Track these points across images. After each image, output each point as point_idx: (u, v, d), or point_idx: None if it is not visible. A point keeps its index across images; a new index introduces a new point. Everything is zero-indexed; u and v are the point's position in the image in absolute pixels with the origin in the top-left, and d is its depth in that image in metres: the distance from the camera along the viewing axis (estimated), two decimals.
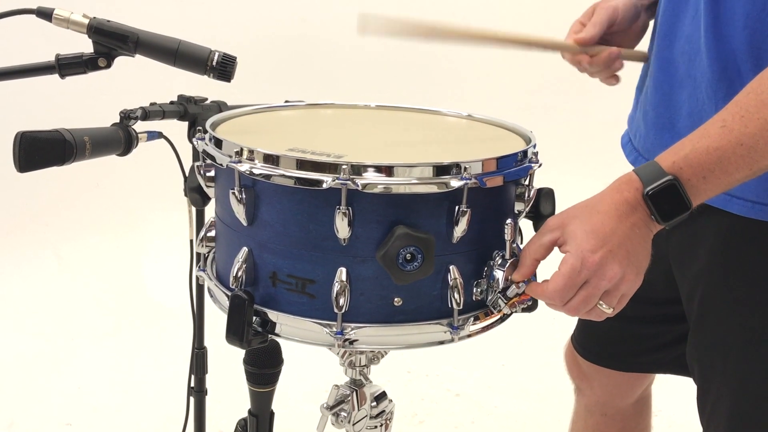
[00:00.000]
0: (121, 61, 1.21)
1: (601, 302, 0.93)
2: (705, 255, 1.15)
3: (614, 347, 1.44)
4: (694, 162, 0.90)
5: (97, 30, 1.12)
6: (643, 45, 1.29)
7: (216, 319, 1.43)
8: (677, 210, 0.91)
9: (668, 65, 1.16)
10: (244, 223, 0.95)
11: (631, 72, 1.31)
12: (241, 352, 1.10)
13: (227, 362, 1.69)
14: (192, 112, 1.33)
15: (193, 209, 1.42)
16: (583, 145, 4.15)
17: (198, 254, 1.12)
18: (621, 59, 1.25)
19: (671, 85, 1.16)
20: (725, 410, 1.16)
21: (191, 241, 1.44)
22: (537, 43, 1.20)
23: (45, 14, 1.11)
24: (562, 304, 0.93)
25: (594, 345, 1.48)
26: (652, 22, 1.29)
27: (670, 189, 0.90)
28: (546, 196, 1.05)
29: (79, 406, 2.42)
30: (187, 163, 1.37)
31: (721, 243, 1.12)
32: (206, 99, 1.37)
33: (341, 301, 0.92)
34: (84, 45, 1.18)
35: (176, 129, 1.34)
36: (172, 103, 1.34)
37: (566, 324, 1.55)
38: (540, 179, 1.04)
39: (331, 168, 0.89)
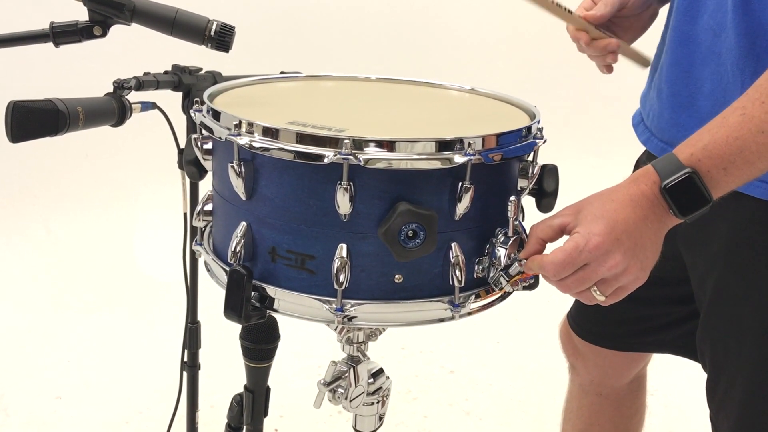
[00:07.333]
0: (113, 30, 1.18)
1: (595, 288, 0.91)
2: (722, 238, 1.12)
3: (612, 327, 1.42)
4: (713, 153, 0.87)
5: None
6: (653, 34, 1.27)
7: (210, 293, 1.42)
8: (697, 204, 0.88)
9: (689, 41, 1.13)
10: (243, 198, 0.93)
11: (645, 48, 1.29)
12: (235, 328, 1.09)
13: (220, 337, 1.68)
14: (186, 83, 1.31)
15: (187, 182, 1.40)
16: (587, 121, 4.13)
17: (194, 228, 1.10)
18: (617, 53, 1.22)
19: (692, 61, 1.12)
20: (738, 396, 1.14)
21: (185, 214, 1.42)
22: (546, 4, 1.17)
23: None
24: (556, 279, 0.91)
25: (591, 324, 1.46)
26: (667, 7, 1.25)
27: (688, 182, 0.87)
28: (550, 172, 1.02)
29: (69, 380, 2.41)
30: (181, 134, 1.35)
31: (741, 226, 1.10)
32: (201, 69, 1.34)
33: (341, 277, 0.90)
34: (76, 13, 1.15)
35: (170, 100, 1.32)
36: (166, 73, 1.31)
37: (562, 302, 1.54)
38: (543, 155, 1.02)
39: (332, 142, 0.87)
